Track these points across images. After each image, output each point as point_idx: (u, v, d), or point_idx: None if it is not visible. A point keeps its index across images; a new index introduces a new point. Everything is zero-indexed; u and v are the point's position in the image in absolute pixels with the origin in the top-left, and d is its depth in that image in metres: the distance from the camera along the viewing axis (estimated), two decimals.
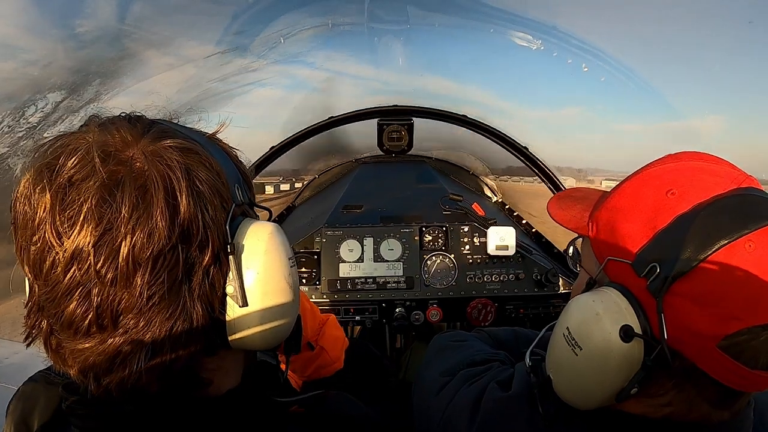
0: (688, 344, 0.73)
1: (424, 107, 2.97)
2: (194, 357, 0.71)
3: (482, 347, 1.28)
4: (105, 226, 0.61)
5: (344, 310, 2.30)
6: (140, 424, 0.72)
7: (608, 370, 0.76)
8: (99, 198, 0.62)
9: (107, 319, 0.64)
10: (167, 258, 0.65)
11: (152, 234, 0.63)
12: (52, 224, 0.62)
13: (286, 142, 2.94)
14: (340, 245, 2.36)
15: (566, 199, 1.08)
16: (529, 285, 2.36)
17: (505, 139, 2.94)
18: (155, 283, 0.64)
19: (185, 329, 0.68)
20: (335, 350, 1.42)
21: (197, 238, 0.67)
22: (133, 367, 0.66)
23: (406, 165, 3.10)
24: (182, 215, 0.65)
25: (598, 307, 0.78)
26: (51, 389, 0.84)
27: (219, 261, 0.71)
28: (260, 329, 0.75)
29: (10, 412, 0.86)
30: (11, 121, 1.85)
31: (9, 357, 1.60)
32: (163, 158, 0.67)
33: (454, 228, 2.42)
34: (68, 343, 0.67)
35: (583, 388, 0.81)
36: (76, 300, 0.63)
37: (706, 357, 0.72)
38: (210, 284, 0.70)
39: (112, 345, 0.65)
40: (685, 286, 0.72)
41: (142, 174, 0.65)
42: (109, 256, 0.62)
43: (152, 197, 0.64)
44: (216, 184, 0.71)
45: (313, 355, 1.36)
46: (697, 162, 0.83)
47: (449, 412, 1.05)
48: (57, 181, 0.63)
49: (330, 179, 3.28)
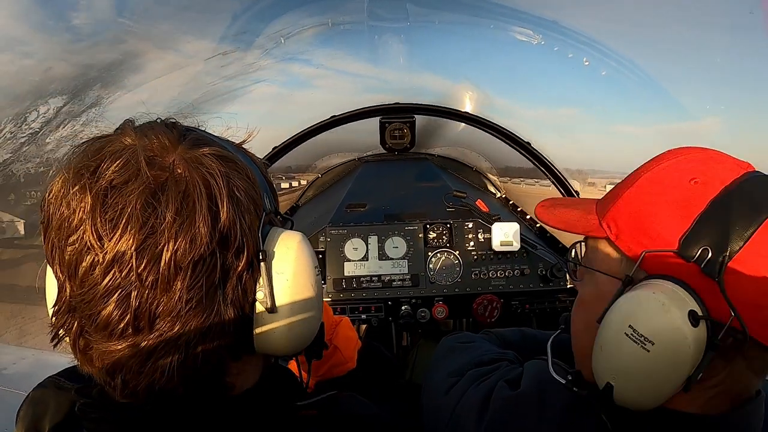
0: (747, 318, 0.74)
1: (425, 104, 2.96)
2: (222, 361, 0.72)
3: (490, 348, 1.28)
4: (148, 230, 0.62)
5: (350, 308, 2.30)
6: (154, 427, 0.72)
7: (682, 359, 0.76)
8: (144, 201, 0.63)
9: (144, 321, 0.65)
10: (207, 263, 0.66)
11: (194, 239, 0.64)
12: (93, 225, 0.62)
13: (288, 141, 2.93)
14: (345, 244, 2.36)
15: (555, 207, 1.07)
16: (534, 280, 2.36)
17: (508, 134, 2.93)
18: (194, 288, 0.65)
19: (217, 333, 0.69)
20: (348, 350, 1.43)
21: (234, 245, 0.69)
22: (164, 369, 0.67)
23: (409, 163, 3.09)
24: (222, 222, 0.67)
25: (661, 297, 0.77)
26: (61, 394, 0.84)
27: (252, 267, 0.73)
28: (286, 335, 0.77)
29: (20, 418, 0.86)
30: (13, 127, 1.85)
31: (16, 363, 1.60)
32: (203, 165, 0.68)
33: (459, 225, 2.42)
34: (99, 345, 0.67)
35: (654, 385, 0.79)
36: (114, 302, 0.64)
37: (763, 326, 0.75)
38: (242, 290, 0.72)
39: (146, 347, 0.66)
40: (739, 263, 0.74)
41: (183, 180, 0.66)
42: (151, 260, 0.63)
43: (195, 203, 0.65)
44: (251, 192, 0.73)
45: (326, 355, 1.36)
46: (700, 154, 0.87)
47: (458, 412, 1.04)
48: (99, 183, 0.63)
49: (333, 178, 3.27)
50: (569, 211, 1.02)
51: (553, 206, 1.08)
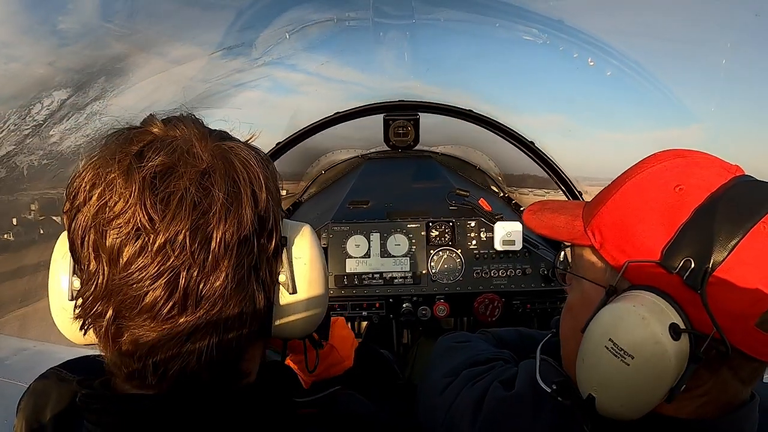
0: (729, 328, 0.73)
1: (429, 102, 2.96)
2: (245, 342, 0.75)
3: (486, 347, 1.28)
4: (201, 212, 0.65)
5: (351, 305, 2.30)
6: (156, 419, 0.72)
7: (663, 373, 0.75)
8: (196, 185, 0.66)
9: (191, 300, 0.67)
10: (249, 244, 0.71)
11: (241, 221, 0.68)
12: (143, 208, 0.63)
13: (292, 137, 2.93)
14: (347, 241, 2.36)
15: (543, 211, 1.05)
16: (535, 280, 2.36)
17: (511, 133, 2.93)
18: (238, 267, 0.69)
19: (248, 313, 0.73)
20: (345, 349, 1.44)
21: (267, 229, 0.74)
22: (203, 350, 0.69)
23: (413, 160, 3.09)
24: (261, 206, 0.72)
25: (641, 311, 0.76)
26: (63, 386, 0.85)
27: (277, 252, 0.78)
28: (303, 316, 0.84)
29: (21, 408, 0.86)
30: (17, 119, 1.85)
31: (17, 354, 1.61)
32: (239, 155, 0.73)
33: (461, 223, 2.42)
34: (137, 329, 0.68)
35: (636, 397, 0.78)
36: (164, 283, 0.65)
37: (746, 337, 0.74)
38: (269, 272, 0.77)
39: (186, 329, 0.68)
40: (722, 273, 0.73)
41: (227, 165, 0.70)
42: (203, 241, 0.65)
43: (241, 187, 0.70)
44: (275, 181, 0.79)
45: (323, 354, 1.36)
46: (685, 158, 0.85)
47: (453, 412, 1.05)
48: (146, 169, 0.65)
49: (336, 175, 3.28)
50: (556, 217, 1.01)
51: (541, 210, 1.06)
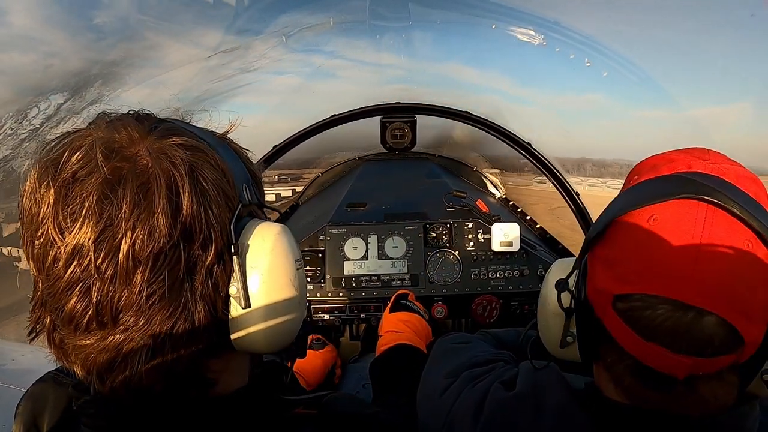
0: (594, 301, 0.83)
1: (426, 104, 2.96)
2: (197, 357, 0.70)
3: (486, 348, 1.28)
4: (105, 222, 0.61)
5: (349, 308, 2.30)
6: (150, 423, 0.72)
7: (549, 316, 0.95)
8: (101, 194, 0.61)
9: (107, 316, 0.64)
10: (168, 256, 0.64)
11: (153, 231, 0.62)
12: (55, 219, 0.62)
13: (289, 140, 2.93)
14: (345, 243, 2.36)
15: None
16: (533, 281, 2.36)
17: (508, 135, 2.93)
18: (155, 281, 0.63)
19: (187, 329, 0.67)
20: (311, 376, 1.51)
21: (200, 237, 0.67)
22: (135, 365, 0.66)
23: (410, 162, 3.09)
24: (184, 213, 0.65)
25: (561, 266, 0.97)
26: (60, 390, 0.84)
27: (223, 261, 0.70)
28: (264, 332, 0.74)
29: (19, 413, 0.86)
30: (14, 123, 1.85)
31: (15, 359, 1.60)
32: (167, 155, 0.66)
33: (459, 224, 2.41)
34: (70, 339, 0.67)
35: (544, 334, 0.99)
36: (77, 296, 0.63)
37: (607, 316, 0.79)
38: (213, 284, 0.69)
39: (113, 342, 0.65)
40: (598, 247, 0.83)
41: (145, 171, 0.64)
42: (109, 253, 0.61)
43: (154, 194, 0.63)
44: (221, 183, 0.71)
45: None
46: (678, 153, 0.86)
47: (453, 413, 1.04)
48: (61, 177, 0.63)
49: (333, 177, 3.27)
50: None
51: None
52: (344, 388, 2.08)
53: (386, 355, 1.62)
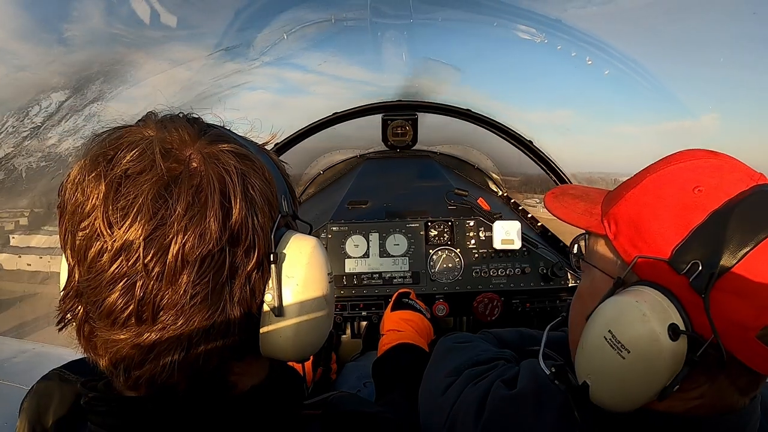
0: (730, 336, 0.73)
1: (428, 102, 2.96)
2: (225, 360, 0.71)
3: (487, 347, 1.28)
4: (158, 222, 0.62)
5: (350, 305, 2.30)
6: (161, 422, 0.72)
7: (657, 371, 0.76)
8: (155, 193, 0.63)
9: (148, 313, 0.64)
10: (215, 259, 0.65)
11: (204, 235, 0.64)
12: (104, 213, 0.62)
13: (291, 137, 2.93)
14: (346, 241, 2.36)
15: (564, 195, 1.06)
16: (535, 279, 2.36)
17: (510, 133, 2.93)
18: (200, 283, 0.65)
19: (221, 332, 0.68)
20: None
21: (245, 243, 0.69)
22: (166, 363, 0.67)
23: (411, 160, 3.09)
24: (234, 219, 0.67)
25: (643, 307, 0.76)
26: (65, 387, 0.84)
27: (262, 268, 0.72)
28: (293, 341, 0.76)
29: (24, 410, 0.86)
30: (15, 121, 1.85)
31: (16, 356, 1.60)
32: (220, 161, 0.68)
33: (460, 222, 2.41)
34: (103, 332, 0.67)
35: (628, 391, 0.80)
36: (119, 291, 0.64)
37: (746, 348, 0.73)
38: (251, 290, 0.71)
39: (148, 339, 0.66)
40: (729, 281, 0.73)
41: (198, 174, 0.66)
42: (159, 252, 0.62)
43: (207, 198, 0.65)
44: (267, 192, 0.73)
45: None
46: (712, 160, 0.83)
47: (455, 412, 1.04)
48: (114, 171, 0.63)
49: (335, 175, 3.27)
50: (576, 203, 1.01)
51: (562, 195, 1.07)
52: (345, 386, 2.08)
53: (388, 354, 1.62)
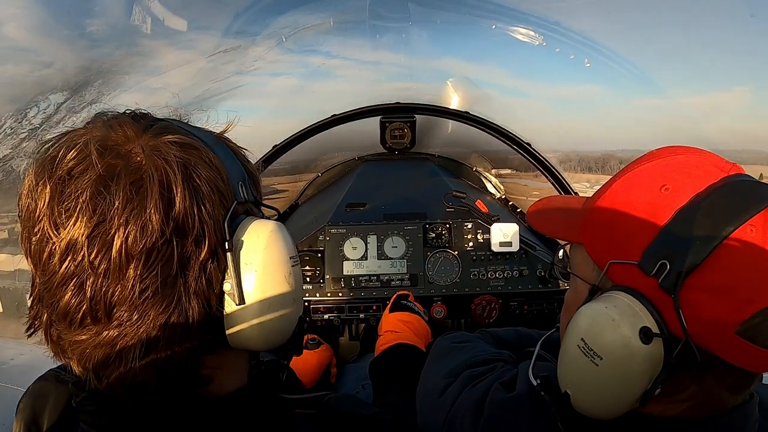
0: (707, 336, 0.72)
1: (426, 104, 2.96)
2: (191, 353, 0.71)
3: (485, 348, 1.27)
4: (99, 218, 0.62)
5: (348, 308, 2.30)
6: (152, 421, 0.72)
7: (633, 375, 0.75)
8: (94, 190, 0.63)
9: (101, 311, 0.64)
10: (161, 251, 0.65)
11: (146, 227, 0.63)
12: (50, 216, 0.63)
13: (289, 139, 2.93)
14: (344, 243, 2.36)
15: (545, 210, 1.06)
16: (533, 281, 2.36)
17: (508, 135, 2.93)
18: (149, 276, 0.64)
19: (180, 324, 0.68)
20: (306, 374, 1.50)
21: (193, 233, 0.67)
22: (129, 360, 0.66)
23: (409, 162, 3.08)
24: (177, 209, 0.66)
25: (612, 312, 0.75)
26: (61, 387, 0.85)
27: (216, 257, 0.71)
28: (258, 328, 0.74)
29: (20, 410, 0.86)
30: (14, 122, 1.85)
31: (14, 358, 1.60)
32: (161, 152, 0.68)
33: (458, 225, 2.42)
34: (66, 335, 0.68)
35: (607, 398, 0.79)
36: (71, 291, 0.64)
37: (727, 345, 0.71)
38: (207, 280, 0.70)
39: (107, 337, 0.66)
40: (699, 278, 0.71)
41: (139, 168, 0.65)
42: (103, 248, 0.62)
43: (147, 190, 0.64)
44: (215, 180, 0.71)
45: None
46: (680, 156, 0.83)
47: (453, 414, 1.04)
48: (57, 174, 0.64)
49: (333, 177, 3.27)
50: (555, 214, 1.02)
51: (544, 208, 1.07)
52: (343, 388, 2.08)
53: (385, 354, 1.62)
